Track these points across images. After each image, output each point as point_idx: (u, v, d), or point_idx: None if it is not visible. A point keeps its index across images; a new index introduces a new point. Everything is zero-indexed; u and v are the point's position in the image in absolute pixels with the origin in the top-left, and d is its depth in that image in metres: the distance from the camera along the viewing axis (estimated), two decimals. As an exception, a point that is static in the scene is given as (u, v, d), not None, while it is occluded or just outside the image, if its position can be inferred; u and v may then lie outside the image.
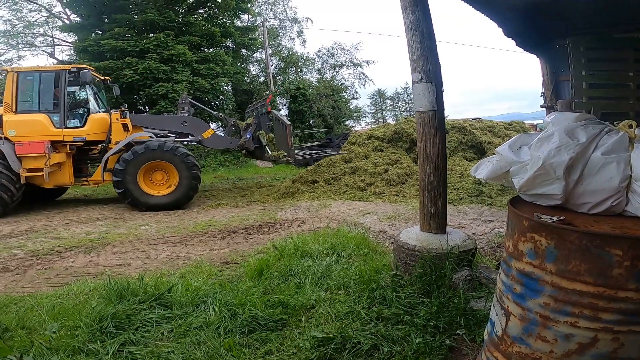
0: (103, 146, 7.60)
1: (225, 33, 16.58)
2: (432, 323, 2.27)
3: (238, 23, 19.32)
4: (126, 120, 7.50)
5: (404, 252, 2.94)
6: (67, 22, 17.27)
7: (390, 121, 27.80)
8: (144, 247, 4.68)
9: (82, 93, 7.89)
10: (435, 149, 2.96)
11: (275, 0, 24.73)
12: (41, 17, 18.64)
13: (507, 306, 1.55)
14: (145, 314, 2.49)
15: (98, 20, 14.93)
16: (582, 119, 1.72)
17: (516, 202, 1.77)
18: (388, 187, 7.53)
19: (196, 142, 8.28)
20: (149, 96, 13.48)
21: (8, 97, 7.05)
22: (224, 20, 17.38)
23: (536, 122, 15.62)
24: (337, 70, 27.37)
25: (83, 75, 7.21)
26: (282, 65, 24.55)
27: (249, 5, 18.95)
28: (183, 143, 7.76)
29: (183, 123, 8.00)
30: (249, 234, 5.19)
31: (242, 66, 20.44)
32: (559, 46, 5.31)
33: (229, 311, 2.45)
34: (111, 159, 7.32)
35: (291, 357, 2.08)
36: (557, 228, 1.41)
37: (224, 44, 17.55)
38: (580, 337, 1.35)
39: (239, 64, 19.53)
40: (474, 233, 4.43)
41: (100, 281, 3.25)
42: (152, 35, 14.24)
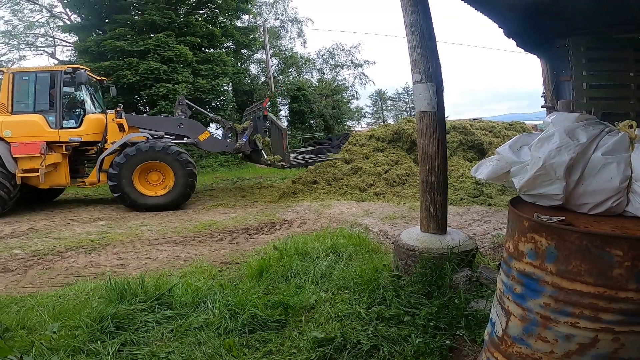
0: (99, 147, 7.59)
1: (225, 33, 16.59)
2: (433, 323, 2.27)
3: (239, 23, 19.36)
4: (122, 120, 7.48)
5: (405, 253, 2.94)
6: (68, 23, 17.30)
7: (390, 122, 27.78)
8: (145, 248, 4.69)
9: (78, 93, 7.88)
10: (435, 150, 2.95)
11: (275, 0, 24.78)
12: (42, 18, 18.74)
13: (508, 306, 1.55)
14: (145, 314, 2.49)
15: (99, 20, 14.95)
16: (583, 120, 1.72)
17: (516, 203, 1.77)
18: (388, 188, 7.52)
19: (192, 145, 8.25)
20: (150, 96, 13.49)
21: (4, 98, 7.06)
22: (225, 20, 17.40)
23: (537, 123, 15.60)
24: (338, 70, 27.44)
25: (78, 75, 7.19)
26: (283, 65, 24.57)
27: (250, 5, 18.95)
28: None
29: (179, 125, 7.97)
30: (250, 235, 5.19)
31: (243, 67, 20.47)
32: (560, 46, 5.31)
33: (230, 311, 2.45)
34: (107, 160, 7.30)
35: (291, 358, 2.08)
36: (558, 228, 1.41)
37: (225, 45, 17.56)
38: (580, 338, 1.35)
39: (240, 65, 19.55)
40: (475, 233, 4.43)
41: (100, 281, 3.25)
42: (153, 35, 14.26)
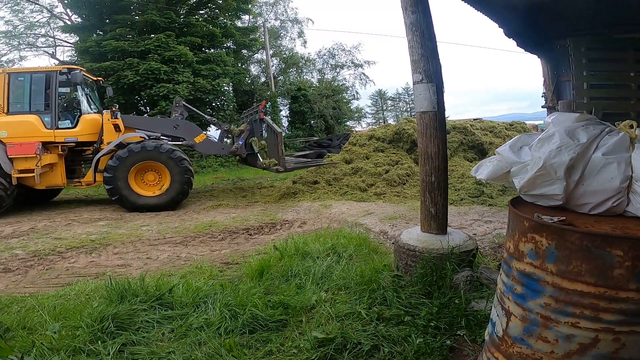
0: (95, 147, 7.58)
1: (226, 34, 16.59)
2: (433, 323, 2.27)
3: (239, 24, 19.37)
4: (117, 120, 7.46)
5: (405, 253, 2.94)
6: (69, 23, 17.30)
7: (391, 122, 27.84)
8: (145, 248, 4.69)
9: (74, 94, 7.87)
10: (436, 150, 2.95)
11: (276, 0, 24.81)
12: (42, 18, 18.77)
13: (508, 307, 1.55)
14: (146, 315, 2.49)
15: (99, 21, 14.95)
16: (583, 120, 1.72)
17: (517, 203, 1.76)
18: (389, 188, 7.52)
19: (187, 147, 8.22)
20: (150, 97, 13.49)
21: (0, 99, 7.06)
22: (225, 20, 17.40)
23: (537, 123, 15.59)
24: (338, 70, 27.48)
25: (74, 75, 7.18)
26: (283, 65, 24.58)
27: (250, 6, 18.95)
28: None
29: (175, 126, 7.95)
30: (250, 235, 5.19)
31: (243, 67, 20.47)
32: (560, 46, 5.31)
33: (230, 312, 2.45)
34: (102, 160, 7.31)
35: (292, 358, 2.08)
36: (558, 228, 1.41)
37: (225, 45, 17.56)
38: (581, 338, 1.35)
39: (240, 65, 19.55)
40: (475, 234, 4.42)
41: (101, 281, 3.25)
42: (153, 35, 14.25)
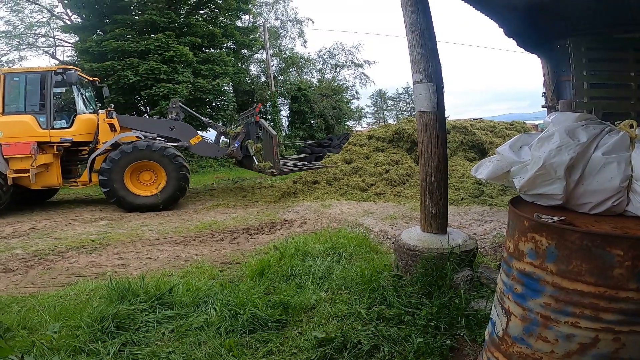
0: (91, 147, 7.59)
1: (226, 33, 16.58)
2: (433, 323, 2.27)
3: (239, 23, 19.35)
4: (113, 120, 7.46)
5: (405, 253, 2.94)
6: (69, 23, 17.29)
7: (391, 121, 27.75)
8: (145, 248, 4.69)
9: (69, 94, 7.87)
10: (436, 149, 2.95)
11: (276, 0, 24.77)
12: (42, 18, 18.74)
13: (508, 306, 1.55)
14: (146, 314, 2.49)
15: (99, 21, 14.94)
16: (583, 119, 1.71)
17: (517, 202, 1.76)
18: (389, 188, 7.52)
19: (183, 148, 8.19)
20: (150, 97, 13.49)
21: None
22: (225, 20, 17.39)
23: (537, 122, 15.57)
24: (338, 70, 27.42)
25: (68, 75, 7.19)
26: (283, 65, 24.55)
27: (250, 5, 18.95)
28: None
29: (171, 127, 7.94)
30: (250, 235, 5.19)
31: (243, 67, 20.46)
32: (560, 46, 5.30)
33: (230, 311, 2.45)
34: (98, 160, 7.31)
35: (292, 358, 2.08)
36: (558, 228, 1.41)
37: (225, 45, 17.55)
38: (581, 338, 1.35)
39: (240, 65, 19.54)
40: (475, 233, 4.42)
41: (101, 281, 3.25)
42: (153, 35, 14.24)
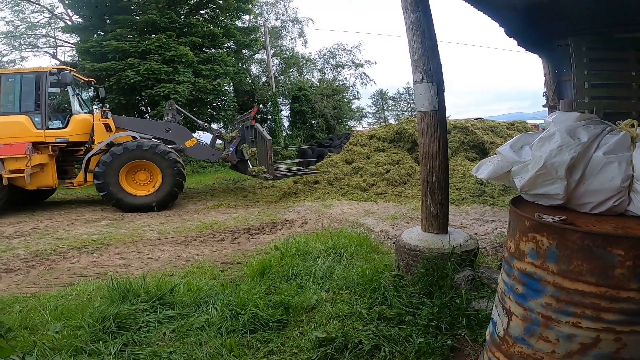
0: (87, 147, 7.59)
1: (226, 34, 16.58)
2: (434, 323, 2.27)
3: (239, 24, 19.35)
4: (108, 120, 7.48)
5: (406, 253, 2.94)
6: (69, 23, 17.31)
7: (391, 121, 27.74)
8: (147, 248, 4.70)
9: (64, 94, 7.88)
10: (436, 149, 2.95)
11: (276, 0, 24.77)
12: (43, 18, 18.75)
13: (509, 306, 1.54)
14: (147, 314, 2.50)
15: (100, 21, 14.95)
16: (584, 119, 1.71)
17: (518, 202, 1.76)
18: (390, 188, 7.52)
19: (178, 151, 8.17)
20: (151, 97, 13.49)
21: None
22: (226, 20, 17.39)
23: (538, 122, 15.55)
24: (339, 70, 27.41)
25: (63, 76, 7.21)
26: (284, 65, 24.55)
27: (250, 6, 18.94)
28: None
29: (167, 129, 7.95)
30: (251, 235, 5.19)
31: (244, 67, 20.45)
32: (561, 46, 5.28)
33: (231, 311, 2.45)
34: (93, 160, 7.32)
35: (293, 358, 2.08)
36: (559, 228, 1.41)
37: (226, 45, 17.54)
38: (582, 338, 1.34)
39: (241, 65, 19.53)
40: (476, 233, 4.42)
41: (102, 281, 3.26)
42: (154, 36, 14.24)
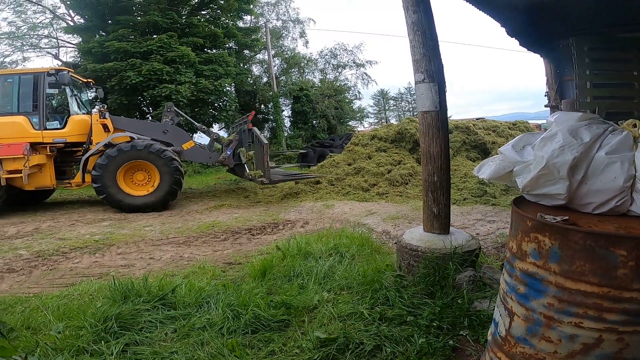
0: (85, 147, 7.60)
1: (228, 34, 16.60)
2: (436, 323, 2.27)
3: (241, 24, 19.34)
4: (105, 120, 7.47)
5: (407, 253, 2.93)
6: (71, 24, 17.36)
7: (393, 121, 27.67)
8: (148, 248, 4.71)
9: (62, 95, 7.90)
10: (438, 149, 2.95)
11: (277, 1, 24.76)
12: (45, 19, 18.83)
13: (511, 306, 1.54)
14: (149, 315, 2.50)
15: (102, 21, 14.99)
16: (586, 119, 1.71)
17: (520, 202, 1.76)
18: (391, 188, 7.52)
19: (175, 153, 8.14)
20: (153, 97, 13.52)
21: None
22: (227, 21, 17.40)
23: (540, 122, 15.50)
24: (340, 70, 27.35)
25: (61, 77, 7.21)
26: (285, 66, 24.53)
27: (252, 6, 18.96)
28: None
29: (165, 131, 7.92)
30: (253, 235, 5.20)
31: (245, 67, 20.45)
32: (563, 46, 5.27)
33: (232, 312, 2.46)
34: (91, 160, 7.33)
35: (294, 358, 2.08)
36: (561, 228, 1.40)
37: (227, 45, 17.56)
38: (584, 338, 1.34)
39: (242, 65, 19.54)
40: (478, 233, 4.41)
41: (104, 282, 3.26)
42: (156, 36, 14.27)
